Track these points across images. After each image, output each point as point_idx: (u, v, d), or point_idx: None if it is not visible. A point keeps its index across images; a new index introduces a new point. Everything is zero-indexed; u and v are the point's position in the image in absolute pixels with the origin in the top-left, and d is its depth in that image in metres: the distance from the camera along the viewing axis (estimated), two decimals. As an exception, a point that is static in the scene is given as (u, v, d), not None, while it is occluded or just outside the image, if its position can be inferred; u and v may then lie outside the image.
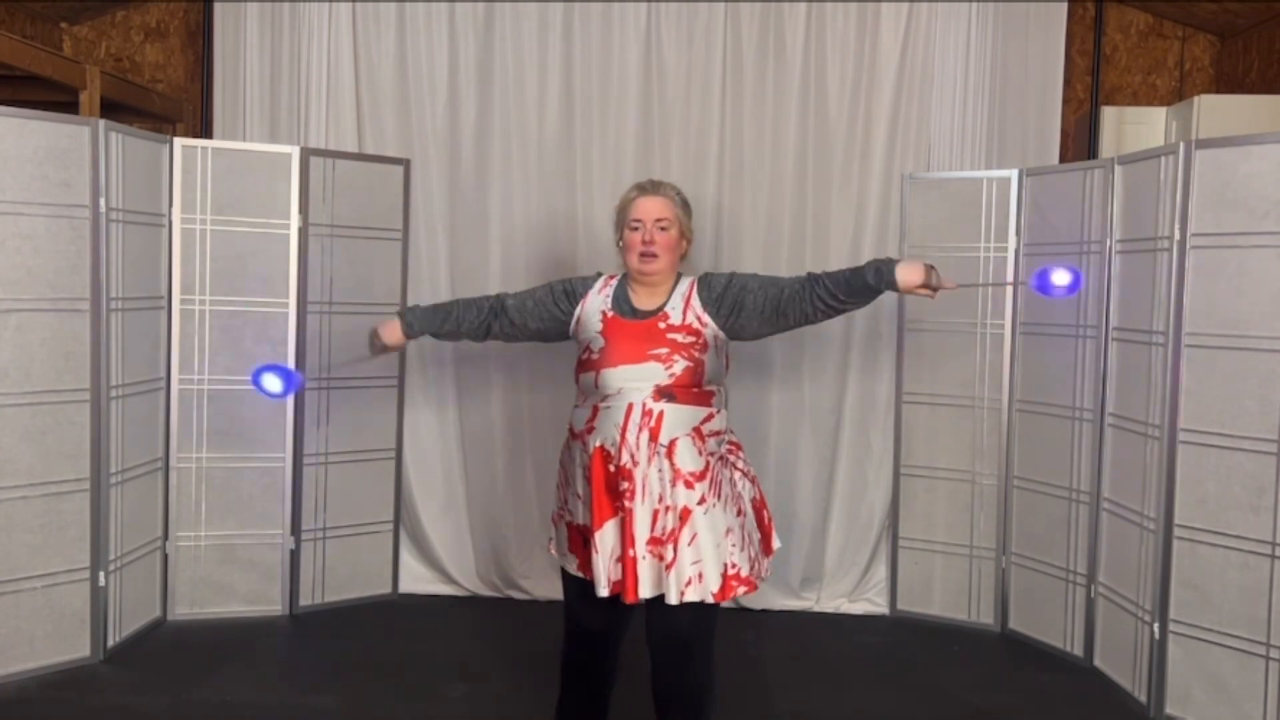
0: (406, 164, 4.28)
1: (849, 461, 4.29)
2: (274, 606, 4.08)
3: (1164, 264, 3.30)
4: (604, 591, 2.52)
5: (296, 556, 4.10)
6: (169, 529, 3.94)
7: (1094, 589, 3.70)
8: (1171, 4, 4.60)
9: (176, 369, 3.89)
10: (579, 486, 2.62)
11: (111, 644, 3.64)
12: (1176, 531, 3.27)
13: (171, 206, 3.85)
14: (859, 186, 4.23)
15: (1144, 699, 3.38)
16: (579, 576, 2.64)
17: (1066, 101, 4.38)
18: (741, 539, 2.56)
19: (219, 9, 4.35)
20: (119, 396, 3.62)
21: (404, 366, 4.32)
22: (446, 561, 4.39)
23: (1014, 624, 4.04)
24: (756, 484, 2.72)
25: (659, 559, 2.49)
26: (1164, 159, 3.32)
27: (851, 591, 4.32)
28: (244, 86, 4.34)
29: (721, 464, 2.59)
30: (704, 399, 2.57)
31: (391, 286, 4.22)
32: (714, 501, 2.52)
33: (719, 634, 2.61)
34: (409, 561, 4.41)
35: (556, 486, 2.76)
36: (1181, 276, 3.23)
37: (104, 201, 3.49)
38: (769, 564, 2.71)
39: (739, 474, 2.65)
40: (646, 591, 2.50)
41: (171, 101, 4.73)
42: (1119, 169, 3.57)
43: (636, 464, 2.49)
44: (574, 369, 2.67)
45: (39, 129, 3.35)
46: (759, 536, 2.67)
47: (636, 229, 2.61)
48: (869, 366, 4.25)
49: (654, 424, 2.49)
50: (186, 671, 3.51)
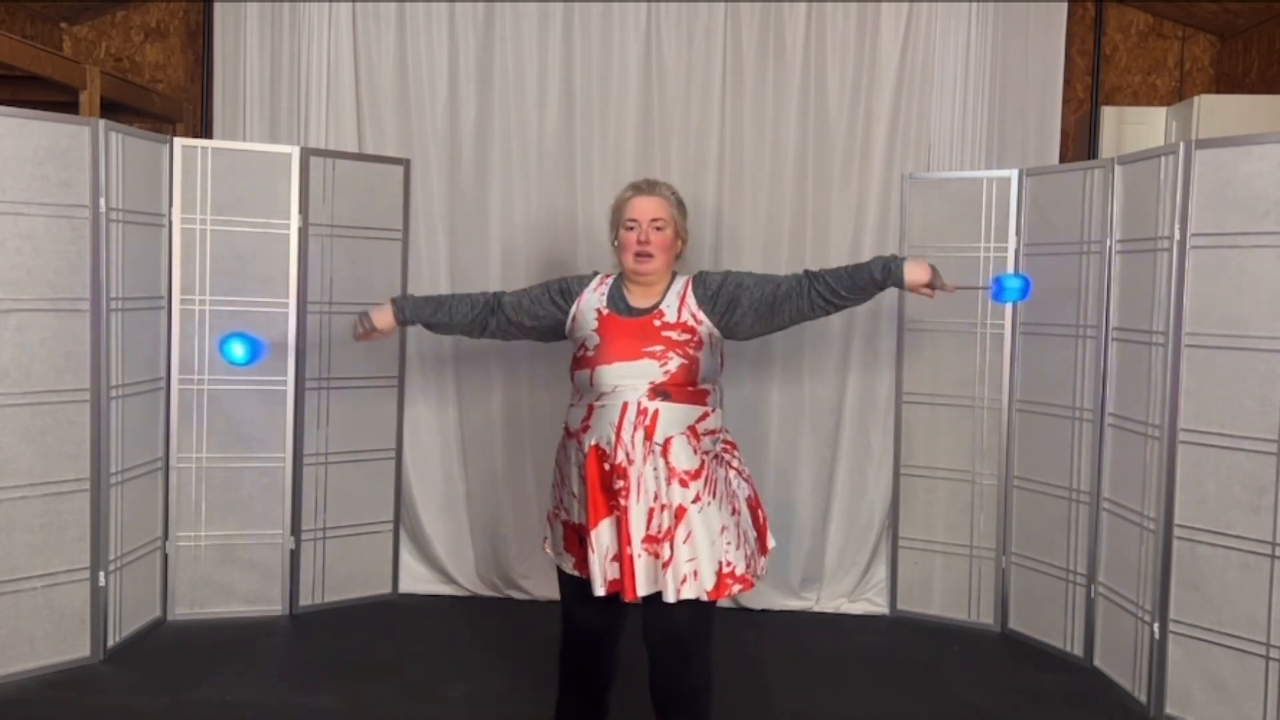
0: (406, 164, 4.28)
1: (849, 461, 4.29)
2: (274, 606, 4.08)
3: (1164, 264, 3.30)
4: (600, 591, 2.52)
5: (296, 556, 4.10)
6: (169, 529, 3.94)
7: (1094, 589, 3.70)
8: (1171, 4, 4.60)
9: (176, 369, 3.89)
10: (574, 485, 2.62)
11: (111, 644, 3.64)
12: (1176, 531, 3.27)
13: (171, 206, 3.85)
14: (859, 186, 4.23)
15: (1144, 699, 3.38)
16: (575, 575, 2.65)
17: (1066, 101, 4.38)
18: (737, 537, 2.56)
19: (219, 9, 4.35)
20: (119, 396, 3.62)
21: (404, 366, 4.32)
22: (446, 561, 4.39)
23: (1014, 624, 4.04)
24: (751, 483, 2.73)
25: (654, 557, 2.50)
26: (1164, 159, 3.32)
27: (851, 591, 4.32)
28: (244, 86, 4.34)
29: (717, 463, 2.60)
30: (699, 398, 2.57)
31: (391, 287, 4.22)
32: (709, 500, 2.52)
33: (719, 634, 2.61)
34: (409, 561, 4.41)
35: (552, 485, 2.77)
36: (1181, 276, 3.23)
37: (104, 201, 3.50)
38: (765, 563, 2.71)
39: (734, 473, 2.66)
40: (643, 589, 2.50)
41: (171, 101, 4.73)
42: (1119, 169, 3.57)
43: (631, 462, 2.49)
44: (569, 367, 2.68)
45: (39, 129, 3.35)
46: (755, 535, 2.67)
47: (632, 229, 2.62)
48: (869, 366, 4.25)
49: (649, 422, 2.50)
50: (186, 671, 3.51)
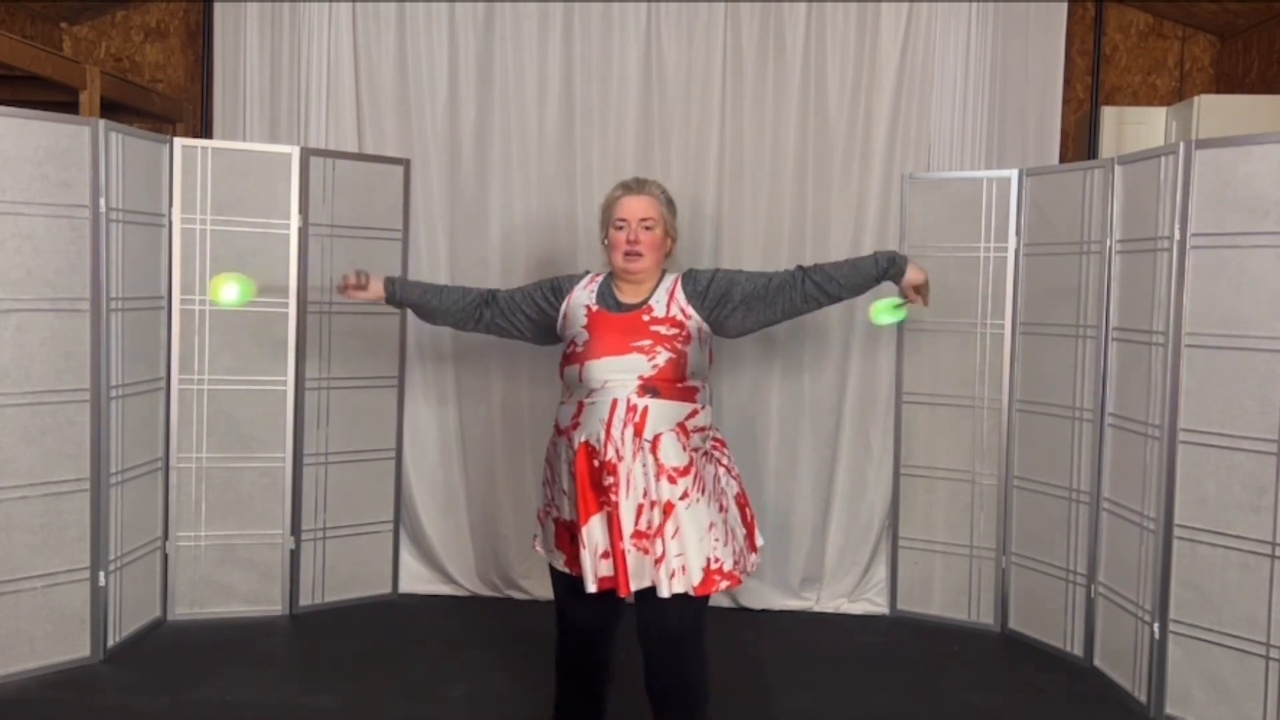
0: (406, 164, 4.28)
1: (849, 461, 4.29)
2: (274, 606, 4.08)
3: (1164, 264, 3.30)
4: (592, 587, 2.54)
5: (296, 556, 4.10)
6: (169, 529, 3.94)
7: (1094, 589, 3.70)
8: (1171, 4, 4.60)
9: (176, 369, 3.89)
10: (565, 482, 2.64)
11: (111, 644, 3.64)
12: (1176, 531, 3.27)
13: (171, 206, 3.85)
14: (859, 186, 4.22)
15: (1144, 699, 3.38)
16: (567, 573, 2.66)
17: (1066, 101, 4.38)
18: (725, 534, 2.59)
19: (219, 9, 4.34)
20: (119, 396, 3.62)
21: (404, 366, 4.32)
22: (446, 561, 4.39)
23: (1014, 624, 4.04)
24: (740, 480, 2.76)
25: (644, 552, 2.51)
26: (1164, 159, 3.32)
27: (851, 591, 4.32)
28: (244, 86, 4.34)
29: (706, 460, 2.63)
30: (688, 395, 2.60)
31: (391, 286, 4.22)
32: (697, 496, 2.54)
33: (719, 634, 2.62)
34: (409, 561, 4.41)
35: (542, 483, 2.79)
36: (1181, 276, 3.23)
37: (104, 201, 3.49)
38: (756, 559, 2.74)
39: (723, 470, 2.69)
40: (634, 584, 2.52)
41: (171, 101, 4.73)
42: (1119, 169, 3.57)
43: (621, 459, 2.51)
44: (559, 364, 2.71)
45: (39, 129, 3.35)
46: (743, 532, 2.70)
47: (621, 228, 2.66)
48: (869, 366, 4.25)
49: (638, 419, 2.52)
50: (186, 671, 3.51)
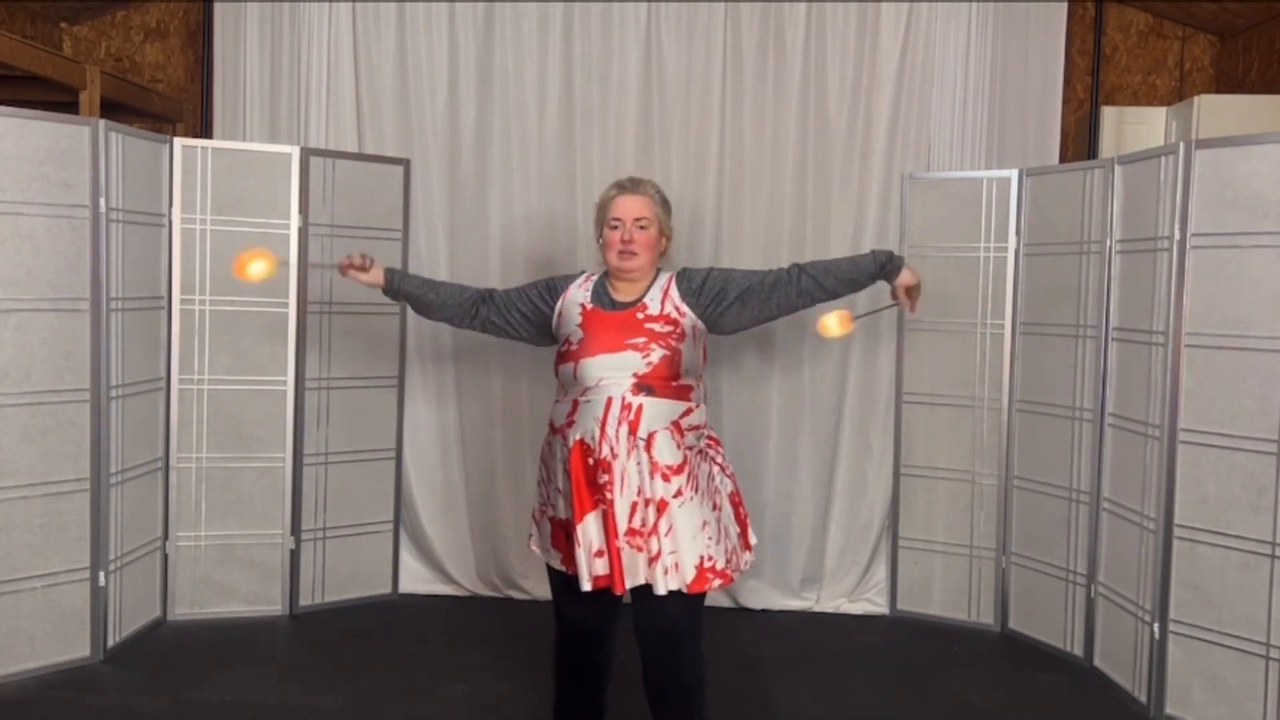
0: (406, 164, 4.28)
1: (849, 461, 4.29)
2: (274, 606, 4.08)
3: (1164, 264, 3.30)
4: (587, 586, 2.54)
5: (296, 556, 4.10)
6: (169, 529, 3.94)
7: (1094, 589, 3.70)
8: (1171, 4, 4.60)
9: (176, 369, 3.89)
10: (560, 481, 2.64)
11: (111, 644, 3.64)
12: (1176, 531, 3.27)
13: (171, 206, 3.85)
14: (859, 186, 4.22)
15: (1144, 699, 3.38)
16: (564, 572, 2.67)
17: (1066, 101, 4.38)
18: (718, 532, 2.59)
19: (219, 9, 4.34)
20: (119, 396, 3.62)
21: (404, 366, 4.32)
22: (446, 561, 4.39)
23: (1014, 624, 4.04)
24: (734, 479, 2.77)
25: (638, 550, 2.52)
26: (1164, 159, 3.32)
27: (851, 591, 4.32)
28: (244, 86, 4.34)
29: (700, 458, 2.64)
30: (683, 393, 2.61)
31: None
32: (690, 494, 2.55)
33: (719, 634, 2.63)
34: (409, 561, 4.41)
35: (538, 483, 2.79)
36: (1181, 276, 3.23)
37: (104, 201, 3.49)
38: (750, 558, 2.75)
39: (717, 468, 2.70)
40: (629, 581, 2.53)
41: (171, 101, 4.73)
42: (1119, 169, 3.57)
43: (615, 456, 2.52)
44: (553, 363, 2.72)
45: (39, 129, 3.35)
46: (737, 531, 2.70)
47: (616, 227, 2.69)
48: (869, 366, 4.25)
49: (633, 417, 2.53)
50: (186, 671, 3.51)
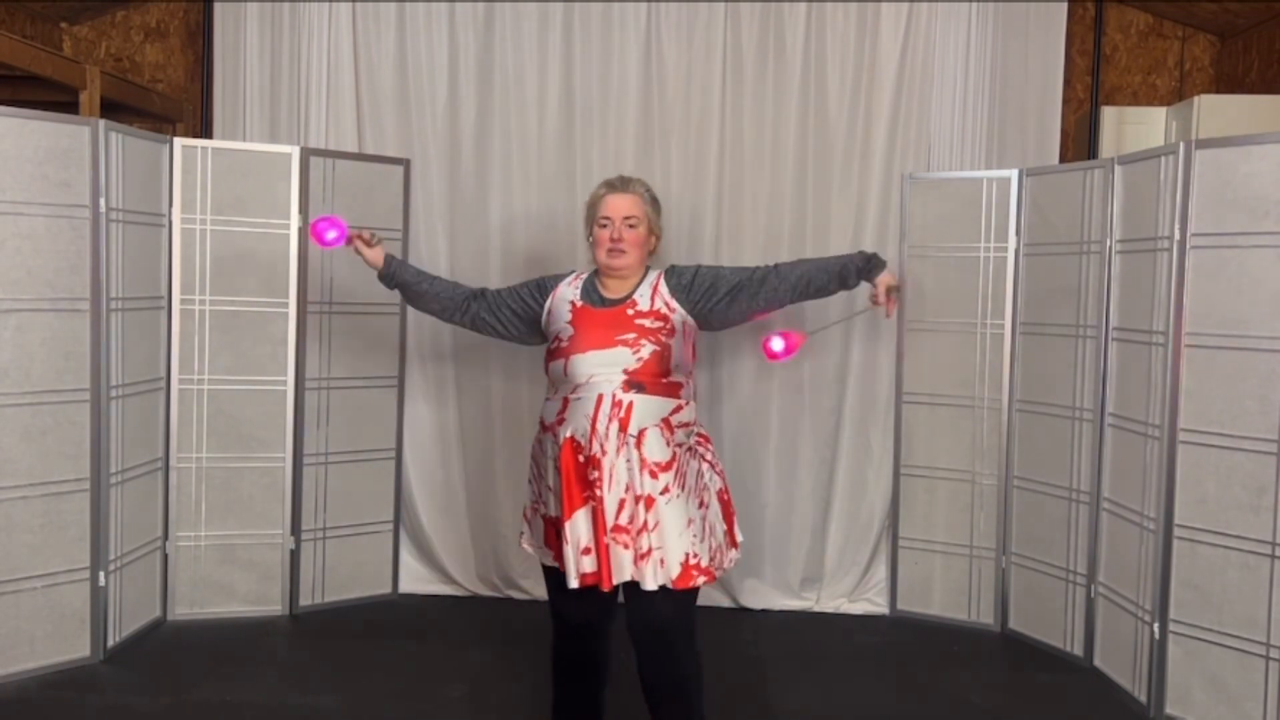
0: (406, 164, 4.28)
1: (849, 461, 4.29)
2: (274, 606, 4.08)
3: (1164, 264, 3.30)
4: (574, 583, 2.55)
5: (296, 556, 4.10)
6: (169, 529, 3.94)
7: (1094, 589, 3.70)
8: (1171, 4, 4.60)
9: (176, 369, 3.89)
10: (550, 479, 2.65)
11: (111, 644, 3.64)
12: (1176, 531, 3.27)
13: (171, 206, 3.85)
14: (859, 186, 4.22)
15: (1144, 699, 3.38)
16: (557, 569, 2.67)
17: (1066, 101, 4.38)
18: (702, 530, 2.60)
19: (219, 9, 4.34)
20: (119, 396, 3.62)
21: (404, 366, 4.32)
22: (446, 561, 4.39)
23: (1014, 624, 4.04)
24: (723, 476, 2.78)
25: (624, 547, 2.53)
26: (1164, 159, 3.32)
27: (851, 591, 4.32)
28: (244, 86, 4.34)
29: (690, 455, 2.65)
30: (673, 390, 2.62)
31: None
32: (677, 492, 2.56)
33: (719, 634, 2.63)
34: (409, 561, 4.41)
35: (528, 481, 2.80)
36: (1181, 276, 3.23)
37: (104, 201, 3.49)
38: (735, 555, 2.76)
39: (706, 465, 2.71)
40: (616, 577, 2.53)
41: (171, 101, 4.73)
42: (1119, 169, 3.57)
43: (605, 453, 2.53)
44: (543, 360, 2.74)
45: (39, 129, 3.35)
46: (723, 529, 2.71)
47: (605, 226, 2.72)
48: (869, 366, 4.25)
49: (624, 414, 2.54)
50: (186, 671, 3.51)
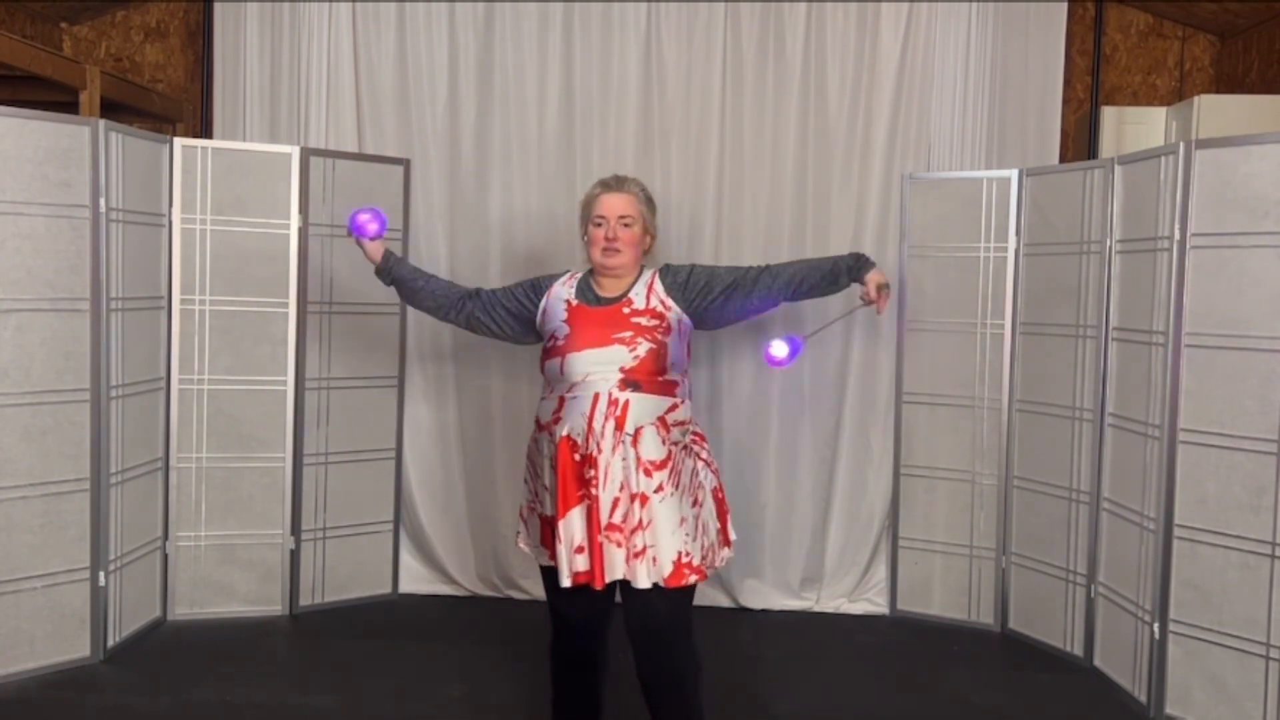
0: (406, 164, 4.28)
1: (849, 461, 4.29)
2: (274, 606, 4.08)
3: (1164, 264, 3.30)
4: (566, 581, 2.55)
5: (296, 556, 4.10)
6: (169, 529, 3.94)
7: (1094, 589, 3.70)
8: (1171, 4, 4.60)
9: (176, 369, 3.89)
10: (546, 478, 2.65)
11: (111, 644, 3.64)
12: (1176, 531, 3.27)
13: (171, 206, 3.85)
14: (859, 186, 4.22)
15: (1144, 699, 3.38)
16: (554, 568, 2.67)
17: (1066, 101, 4.38)
18: (695, 529, 2.60)
19: (219, 9, 4.35)
20: (119, 396, 3.62)
21: (404, 366, 4.32)
22: (446, 561, 4.39)
23: (1014, 624, 4.04)
24: (718, 474, 2.78)
25: (617, 545, 2.53)
26: (1164, 159, 3.32)
27: (851, 591, 4.32)
28: (244, 86, 4.34)
29: (685, 454, 2.65)
30: (669, 389, 2.63)
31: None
32: (671, 490, 2.57)
33: (719, 634, 2.63)
34: (409, 561, 4.41)
35: (524, 481, 2.80)
36: (1181, 276, 3.23)
37: (104, 201, 3.49)
38: (728, 554, 2.76)
39: (701, 464, 2.71)
40: (608, 575, 2.54)
41: (171, 101, 4.73)
42: (1119, 169, 3.57)
43: (601, 451, 2.53)
44: (539, 360, 2.74)
45: (39, 129, 3.35)
46: (716, 528, 2.71)
47: (600, 225, 2.72)
48: (869, 366, 4.25)
49: (620, 413, 2.55)
50: (186, 671, 3.51)
